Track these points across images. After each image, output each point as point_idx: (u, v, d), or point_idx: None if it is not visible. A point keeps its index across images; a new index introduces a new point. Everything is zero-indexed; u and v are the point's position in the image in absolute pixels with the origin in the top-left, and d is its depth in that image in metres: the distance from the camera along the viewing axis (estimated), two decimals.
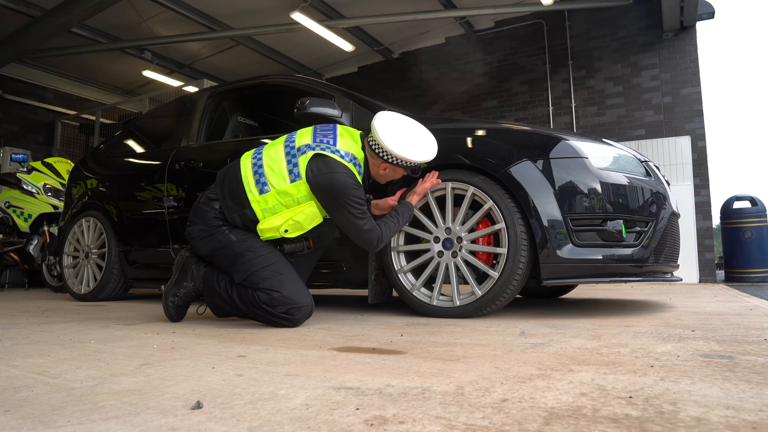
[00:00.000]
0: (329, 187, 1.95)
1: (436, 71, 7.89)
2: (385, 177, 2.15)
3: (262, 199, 2.00)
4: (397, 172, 2.12)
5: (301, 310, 1.94)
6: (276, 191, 1.99)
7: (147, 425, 0.79)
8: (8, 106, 7.75)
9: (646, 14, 6.43)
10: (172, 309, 2.16)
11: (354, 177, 1.98)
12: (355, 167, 2.01)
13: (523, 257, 2.05)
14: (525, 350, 1.38)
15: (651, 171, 2.34)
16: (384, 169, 2.09)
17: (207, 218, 2.07)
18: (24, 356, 1.40)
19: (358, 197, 1.97)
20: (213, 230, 2.05)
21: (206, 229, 2.06)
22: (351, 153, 2.03)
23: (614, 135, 6.34)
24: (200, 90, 3.58)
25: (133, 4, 6.26)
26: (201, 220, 2.08)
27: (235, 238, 2.02)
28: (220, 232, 2.04)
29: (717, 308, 2.51)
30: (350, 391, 0.97)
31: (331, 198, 1.97)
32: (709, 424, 0.74)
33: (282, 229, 2.02)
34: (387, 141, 1.99)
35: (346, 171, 1.96)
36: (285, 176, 1.99)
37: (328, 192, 1.97)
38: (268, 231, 2.02)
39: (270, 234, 2.03)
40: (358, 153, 2.07)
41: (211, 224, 2.05)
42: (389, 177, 2.15)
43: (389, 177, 2.15)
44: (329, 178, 1.94)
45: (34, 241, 5.05)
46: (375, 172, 2.13)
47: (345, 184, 1.95)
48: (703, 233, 5.91)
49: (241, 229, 2.06)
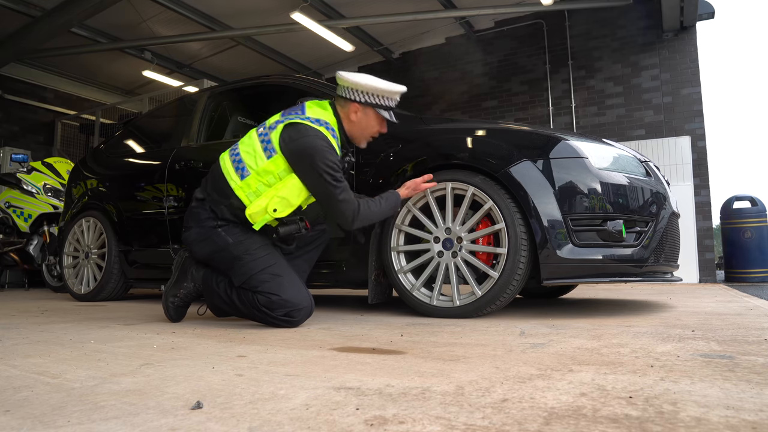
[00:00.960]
0: (301, 151, 1.93)
1: (436, 71, 7.89)
2: (360, 129, 2.11)
3: (244, 183, 1.99)
4: (369, 118, 2.09)
5: (301, 312, 1.93)
6: (256, 172, 1.98)
7: (147, 425, 0.79)
8: (8, 106, 7.76)
9: (646, 14, 6.43)
10: (172, 309, 2.17)
11: (327, 140, 1.96)
12: (328, 131, 1.99)
13: (523, 257, 2.05)
14: (525, 350, 1.38)
15: (651, 171, 2.34)
16: (355, 113, 2.07)
17: (201, 219, 2.06)
18: (24, 356, 1.40)
19: (332, 161, 1.94)
20: (209, 232, 2.03)
21: (202, 231, 2.04)
22: (322, 119, 2.02)
23: (614, 135, 6.33)
24: (200, 90, 3.58)
25: (133, 4, 6.26)
26: (196, 222, 2.07)
27: (232, 240, 2.00)
28: (216, 234, 2.02)
29: (717, 308, 2.51)
30: (350, 391, 0.97)
31: (304, 163, 1.94)
32: (709, 424, 0.74)
33: (270, 209, 1.97)
34: (353, 76, 2.03)
35: (317, 134, 1.95)
36: (261, 155, 1.99)
37: (301, 156, 1.94)
38: (257, 215, 1.98)
39: (260, 217, 1.99)
40: (330, 119, 2.06)
41: (206, 225, 2.04)
42: (364, 129, 2.11)
43: (364, 129, 2.11)
44: (301, 143, 1.94)
45: (34, 241, 5.05)
46: (349, 127, 2.11)
47: (317, 146, 1.93)
48: (703, 233, 5.91)
49: (236, 226, 2.03)
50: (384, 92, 2.05)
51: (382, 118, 2.11)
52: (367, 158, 2.45)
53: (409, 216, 2.30)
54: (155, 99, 7.34)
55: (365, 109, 2.08)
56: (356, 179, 2.45)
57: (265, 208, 1.98)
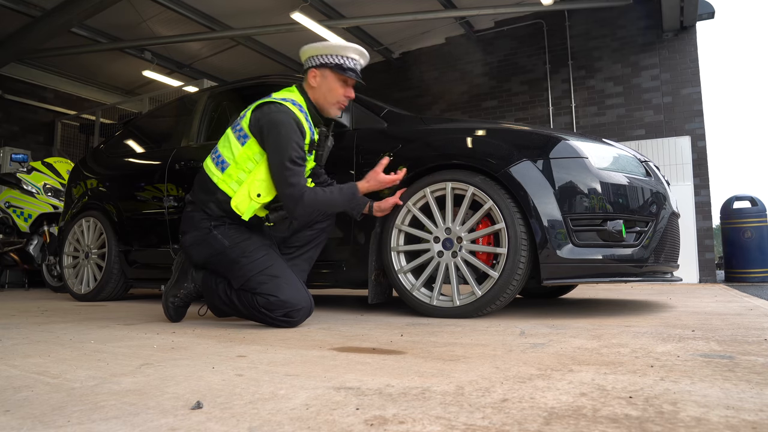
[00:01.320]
0: (269, 125, 1.95)
1: (436, 71, 7.89)
2: (322, 95, 2.10)
3: (225, 176, 2.02)
4: (328, 80, 2.08)
5: (300, 312, 1.93)
6: (234, 162, 2.01)
7: (147, 425, 0.79)
8: (8, 106, 7.76)
9: (646, 14, 6.43)
10: (172, 309, 2.17)
11: (295, 116, 1.97)
12: (294, 106, 2.01)
13: (523, 257, 2.05)
14: (525, 350, 1.38)
15: (651, 171, 2.34)
16: (314, 78, 2.08)
17: (195, 222, 2.07)
18: (24, 356, 1.40)
19: (295, 141, 1.94)
20: (204, 235, 2.03)
21: (198, 234, 2.05)
22: (288, 97, 2.05)
23: (614, 135, 6.33)
24: (200, 90, 3.58)
25: (133, 4, 6.26)
26: (191, 226, 2.08)
27: (228, 243, 2.00)
28: (212, 237, 2.02)
29: (717, 308, 2.51)
30: (350, 391, 0.97)
31: (270, 137, 1.95)
32: (709, 424, 0.74)
33: (253, 194, 1.99)
34: (307, 45, 2.08)
35: (286, 110, 1.97)
36: (236, 143, 2.03)
37: (268, 130, 1.95)
38: (243, 203, 2.00)
39: (246, 206, 2.00)
40: (296, 97, 2.09)
41: (202, 227, 2.04)
42: (326, 93, 2.10)
43: (326, 93, 2.10)
44: (268, 118, 1.96)
45: (34, 241, 5.05)
46: (313, 96, 2.11)
47: (283, 121, 1.94)
48: (703, 233, 5.91)
49: (230, 227, 2.04)
50: (333, 49, 2.06)
51: (343, 79, 2.10)
52: (367, 158, 2.45)
53: (409, 216, 2.30)
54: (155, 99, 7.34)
55: (322, 72, 2.09)
56: (356, 179, 2.45)
57: (248, 194, 2.00)
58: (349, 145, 2.50)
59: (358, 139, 2.50)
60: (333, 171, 2.41)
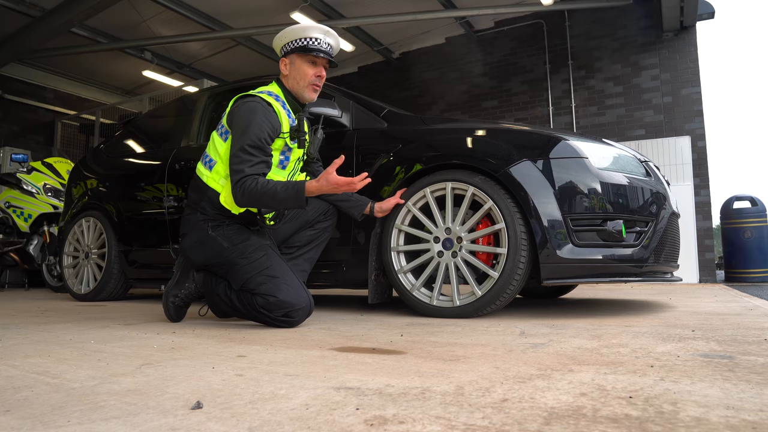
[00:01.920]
0: (236, 115, 1.98)
1: (436, 71, 7.89)
2: (295, 81, 2.10)
3: (213, 173, 2.05)
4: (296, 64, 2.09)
5: (299, 312, 1.93)
6: (220, 159, 2.04)
7: (147, 425, 0.79)
8: (8, 106, 7.76)
9: (646, 14, 6.43)
10: (173, 309, 2.16)
11: (267, 106, 1.98)
12: (270, 96, 2.03)
13: (523, 257, 2.05)
14: (525, 350, 1.38)
15: (651, 171, 2.34)
16: (285, 66, 2.11)
17: (193, 224, 2.08)
18: (24, 356, 1.40)
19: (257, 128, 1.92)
20: (203, 237, 2.04)
21: (197, 236, 2.06)
22: (264, 90, 2.08)
23: (614, 135, 6.34)
24: (200, 90, 3.58)
25: (133, 4, 6.26)
26: (189, 228, 2.10)
27: (227, 245, 2.01)
28: (211, 239, 2.03)
29: (717, 308, 2.51)
30: (350, 391, 0.97)
31: (234, 126, 1.98)
32: (709, 424, 0.74)
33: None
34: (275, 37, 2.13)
35: (257, 100, 1.99)
36: (220, 141, 2.06)
37: (237, 118, 1.97)
38: (230, 198, 2.01)
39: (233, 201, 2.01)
40: (273, 89, 2.11)
41: (200, 229, 2.05)
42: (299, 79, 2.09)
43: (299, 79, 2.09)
44: (239, 109, 1.99)
45: (34, 241, 5.04)
46: (288, 85, 2.12)
47: (249, 108, 1.97)
48: (703, 233, 5.91)
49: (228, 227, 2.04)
50: (294, 33, 2.08)
51: (311, 60, 2.10)
52: (367, 158, 2.45)
53: (409, 216, 2.30)
54: (155, 99, 7.35)
55: (290, 58, 2.11)
56: None
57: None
58: (349, 146, 2.50)
59: (358, 140, 2.50)
60: None
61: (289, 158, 2.11)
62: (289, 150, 2.09)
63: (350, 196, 2.28)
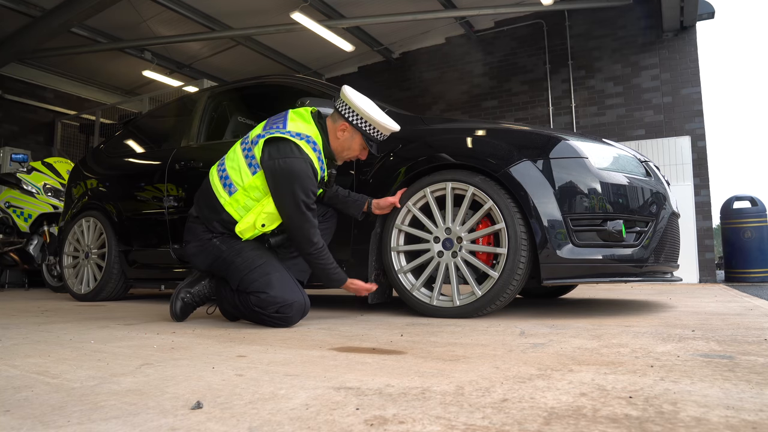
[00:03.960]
0: (280, 172, 1.93)
1: (436, 71, 7.89)
2: (341, 148, 2.10)
3: (233, 200, 2.01)
4: (354, 141, 2.08)
5: (292, 307, 1.93)
6: (242, 188, 2.00)
7: (147, 425, 0.79)
8: (8, 106, 7.75)
9: (646, 14, 6.43)
10: (180, 305, 2.15)
11: (310, 162, 1.96)
12: (309, 144, 1.98)
13: (523, 257, 2.05)
14: (525, 350, 1.38)
15: (651, 171, 2.34)
16: (343, 131, 2.07)
17: (197, 233, 2.10)
18: (24, 356, 1.40)
19: (308, 188, 1.94)
20: (205, 243, 2.07)
21: (199, 244, 2.09)
22: (303, 133, 2.01)
23: (614, 135, 6.34)
24: (200, 90, 3.58)
25: (133, 4, 6.26)
26: (193, 237, 2.11)
27: (225, 248, 2.03)
28: (211, 244, 2.05)
29: (717, 308, 2.51)
30: (350, 391, 0.97)
31: (280, 184, 1.94)
32: (709, 424, 0.74)
33: (258, 224, 2.01)
34: (356, 98, 2.04)
35: (301, 155, 1.94)
36: (246, 171, 2.00)
37: (278, 177, 1.93)
38: (247, 231, 2.02)
39: (249, 233, 2.03)
40: (312, 132, 2.05)
41: (203, 238, 2.07)
42: (345, 149, 2.10)
43: (345, 149, 2.10)
44: (280, 164, 1.93)
45: (34, 241, 5.04)
46: (333, 143, 2.09)
47: (296, 170, 1.92)
48: (703, 233, 5.91)
49: (231, 237, 2.06)
50: (378, 125, 2.05)
51: (365, 147, 2.12)
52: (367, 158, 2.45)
53: (410, 216, 2.30)
54: (155, 99, 7.35)
55: (353, 132, 2.08)
56: (356, 179, 2.45)
57: (253, 223, 2.02)
58: None
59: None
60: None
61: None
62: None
63: (347, 197, 2.29)
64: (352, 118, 2.04)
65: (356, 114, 2.04)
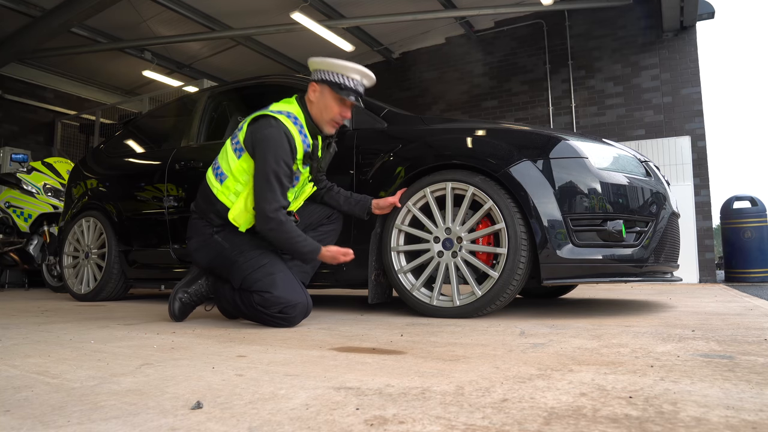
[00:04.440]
0: (259, 141, 1.95)
1: (436, 71, 7.89)
2: (318, 110, 2.08)
3: (224, 188, 2.03)
4: (326, 97, 2.06)
5: (296, 308, 1.93)
6: (231, 174, 2.02)
7: (147, 425, 0.79)
8: (8, 106, 7.75)
9: (646, 14, 6.43)
10: (178, 306, 2.16)
11: (286, 132, 1.95)
12: (289, 119, 2.00)
13: (523, 257, 2.04)
14: (525, 350, 1.38)
15: (651, 171, 2.34)
16: (313, 92, 2.07)
17: (199, 228, 2.11)
18: (24, 356, 1.40)
19: (282, 160, 1.92)
20: (206, 239, 2.07)
21: (200, 239, 2.10)
22: (284, 110, 2.03)
23: (614, 135, 6.33)
24: (200, 90, 3.58)
25: (133, 4, 6.26)
26: (195, 232, 2.12)
27: (228, 245, 2.03)
28: (213, 241, 2.06)
29: (717, 308, 2.51)
30: (350, 391, 0.97)
31: (259, 152, 1.94)
32: (709, 424, 0.74)
33: (249, 206, 2.00)
34: (315, 58, 2.08)
35: (278, 126, 1.95)
36: (233, 156, 2.04)
37: (257, 145, 1.95)
38: (240, 216, 2.01)
39: (243, 218, 2.02)
40: (294, 109, 2.07)
41: (204, 233, 2.08)
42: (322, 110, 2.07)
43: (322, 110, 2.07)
44: (260, 134, 1.96)
45: (34, 241, 5.04)
46: (311, 110, 2.08)
47: (274, 138, 1.93)
48: (703, 233, 5.90)
49: (231, 231, 2.05)
50: (335, 66, 2.05)
51: (340, 99, 2.08)
52: (367, 158, 2.45)
53: (409, 216, 2.30)
54: (155, 99, 7.35)
55: (321, 88, 2.08)
56: (356, 179, 2.45)
57: (244, 206, 2.01)
58: (349, 145, 2.50)
59: (358, 139, 2.50)
60: (333, 171, 2.41)
61: (299, 178, 2.10)
62: (298, 172, 2.08)
63: (349, 199, 2.29)
64: (316, 75, 2.08)
65: (318, 69, 2.08)
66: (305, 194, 2.23)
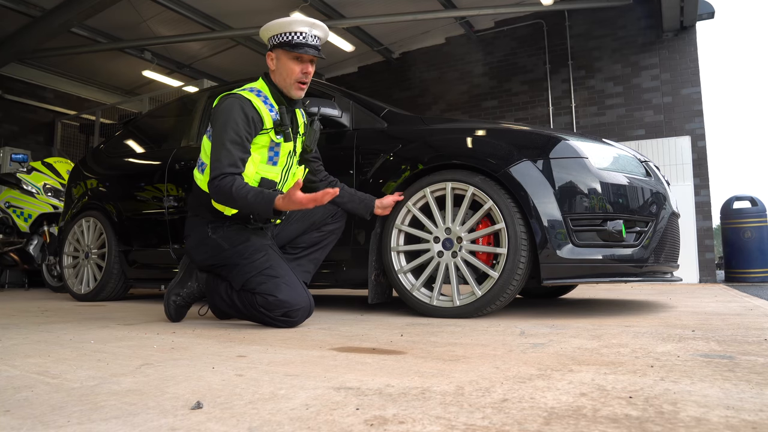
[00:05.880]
0: (216, 112, 1.96)
1: (436, 71, 7.89)
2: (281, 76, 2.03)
3: (204, 176, 2.04)
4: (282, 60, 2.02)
5: (299, 312, 1.93)
6: (208, 161, 2.00)
7: (147, 425, 0.79)
8: (8, 106, 7.75)
9: (646, 14, 6.43)
10: (173, 308, 2.17)
11: (245, 103, 1.94)
12: (251, 92, 1.99)
13: (523, 257, 2.05)
14: (525, 350, 1.38)
15: (651, 171, 2.34)
16: (271, 60, 2.06)
17: (195, 226, 2.11)
18: (24, 356, 1.40)
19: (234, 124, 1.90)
20: (204, 238, 2.06)
21: (198, 238, 2.09)
22: (247, 87, 2.05)
23: (614, 135, 6.33)
24: (200, 90, 3.58)
25: (133, 4, 6.26)
26: (192, 230, 2.12)
27: (227, 246, 2.02)
28: (211, 240, 2.05)
29: (717, 308, 2.51)
30: (350, 391, 0.96)
31: (214, 123, 1.96)
32: (709, 424, 0.74)
33: None
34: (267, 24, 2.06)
35: (235, 97, 1.96)
36: (206, 142, 2.06)
37: (215, 116, 1.96)
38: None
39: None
40: (258, 85, 2.07)
41: (202, 231, 2.08)
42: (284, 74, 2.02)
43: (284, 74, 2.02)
44: (218, 107, 1.97)
45: (34, 241, 5.04)
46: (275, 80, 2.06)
47: (227, 106, 1.94)
48: (703, 233, 5.90)
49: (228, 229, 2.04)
50: (280, 26, 2.03)
51: (296, 57, 2.03)
52: (367, 158, 2.45)
53: (409, 216, 2.30)
54: (155, 99, 7.34)
55: (276, 53, 2.06)
56: (356, 179, 2.45)
57: None
58: (349, 145, 2.50)
59: (358, 140, 2.50)
60: (334, 171, 2.41)
61: (278, 153, 2.04)
62: (276, 145, 2.02)
63: (353, 196, 2.27)
64: (269, 43, 2.07)
65: (268, 38, 2.07)
66: (295, 176, 2.16)
